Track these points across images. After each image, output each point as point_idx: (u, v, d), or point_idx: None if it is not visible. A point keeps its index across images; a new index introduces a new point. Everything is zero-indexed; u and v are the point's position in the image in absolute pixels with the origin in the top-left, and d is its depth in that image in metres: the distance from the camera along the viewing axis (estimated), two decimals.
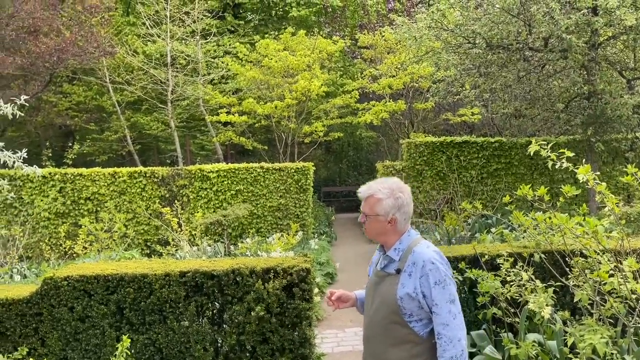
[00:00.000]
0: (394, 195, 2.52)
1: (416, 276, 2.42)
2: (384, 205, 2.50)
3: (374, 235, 2.59)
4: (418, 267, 2.42)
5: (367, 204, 2.54)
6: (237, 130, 15.17)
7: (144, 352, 4.31)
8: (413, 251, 2.47)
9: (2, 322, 4.28)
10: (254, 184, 10.82)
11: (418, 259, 2.44)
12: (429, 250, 2.47)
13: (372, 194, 2.53)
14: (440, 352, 2.36)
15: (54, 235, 9.89)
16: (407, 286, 2.42)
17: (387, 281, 2.52)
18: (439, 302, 2.37)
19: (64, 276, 4.33)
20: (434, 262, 2.41)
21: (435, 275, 2.39)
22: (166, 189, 10.55)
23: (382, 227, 2.53)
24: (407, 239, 2.54)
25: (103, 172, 10.41)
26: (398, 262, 2.50)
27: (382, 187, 2.53)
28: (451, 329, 2.35)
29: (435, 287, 2.37)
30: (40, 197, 9.95)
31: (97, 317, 4.30)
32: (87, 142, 15.77)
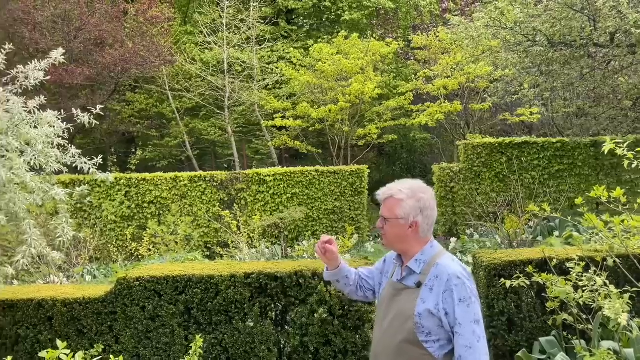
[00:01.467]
0: (415, 197, 2.29)
1: (439, 291, 2.19)
2: (405, 207, 2.28)
3: (393, 242, 2.34)
4: (442, 281, 2.20)
5: (386, 206, 2.33)
6: (292, 134, 15.37)
7: (211, 352, 4.44)
8: (437, 264, 2.25)
9: (79, 320, 4.52)
10: (309, 187, 10.92)
11: (442, 272, 2.21)
12: (454, 264, 2.26)
13: (391, 194, 2.31)
14: None
15: (121, 237, 10.33)
16: (428, 302, 2.20)
17: (405, 295, 2.29)
18: (463, 321, 2.15)
19: (136, 277, 4.53)
20: (460, 277, 2.20)
21: (461, 292, 2.17)
22: (225, 193, 10.82)
23: (402, 233, 2.28)
24: (429, 250, 2.31)
25: (165, 176, 10.80)
26: (419, 274, 2.26)
27: (402, 188, 2.31)
28: (474, 352, 2.12)
29: (460, 305, 2.16)
30: (108, 201, 10.43)
31: (167, 317, 4.46)
32: (148, 148, 16.40)
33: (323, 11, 18.16)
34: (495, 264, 4.44)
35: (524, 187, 10.70)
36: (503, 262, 4.43)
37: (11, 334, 4.46)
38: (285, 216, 9.84)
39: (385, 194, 2.33)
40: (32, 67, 3.72)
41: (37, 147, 3.71)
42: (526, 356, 4.15)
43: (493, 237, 8.98)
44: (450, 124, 15.44)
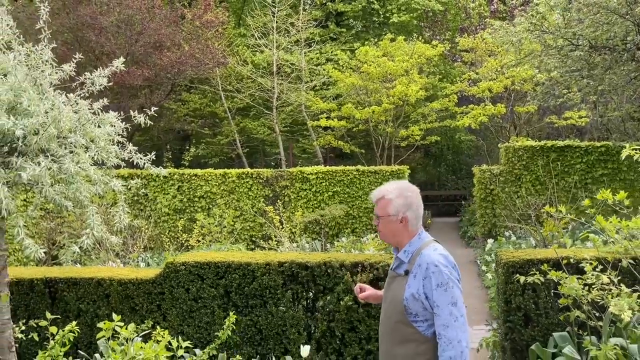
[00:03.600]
0: (403, 195, 2.61)
1: (420, 278, 2.51)
2: (395, 205, 2.59)
3: (388, 237, 2.68)
4: (422, 269, 2.51)
5: (379, 206, 2.64)
6: (337, 135, 15.77)
7: (247, 332, 4.90)
8: (421, 253, 2.56)
9: (132, 299, 5.09)
10: (350, 186, 11.28)
11: (423, 261, 2.53)
12: (435, 253, 2.55)
13: (382, 195, 2.63)
14: (440, 351, 2.45)
15: (173, 228, 11.06)
16: (412, 287, 2.51)
17: (397, 282, 2.62)
18: (440, 304, 2.45)
19: (182, 262, 5.05)
20: (437, 264, 2.49)
21: (438, 278, 2.47)
22: (270, 189, 11.35)
23: (394, 228, 2.62)
24: (417, 241, 2.62)
25: (215, 172, 11.45)
26: (407, 263, 2.59)
27: (391, 189, 2.64)
28: (451, 330, 2.42)
29: (437, 290, 2.45)
30: (162, 195, 11.18)
31: (208, 299, 4.96)
32: (201, 146, 17.23)
33: (372, 13, 18.45)
34: (513, 262, 4.67)
35: (564, 190, 10.66)
36: (521, 260, 4.66)
37: (74, 308, 5.09)
38: (326, 213, 10.25)
39: (377, 196, 2.65)
40: (97, 74, 4.27)
41: (100, 144, 4.24)
42: (539, 349, 4.37)
43: (529, 240, 9.06)
44: (496, 126, 15.41)
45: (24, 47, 3.96)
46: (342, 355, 4.76)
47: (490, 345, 5.25)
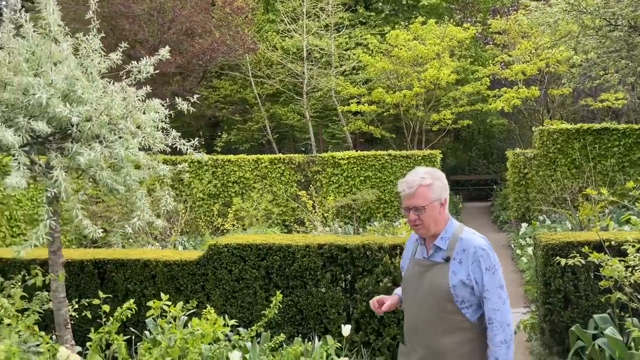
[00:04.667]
0: (436, 177, 2.51)
1: (468, 263, 2.44)
2: (435, 189, 2.47)
3: (430, 226, 2.50)
4: (469, 253, 2.44)
5: (418, 196, 2.46)
6: (367, 119, 15.76)
7: (288, 312, 5.04)
8: (460, 238, 2.48)
9: (177, 279, 5.27)
10: (381, 171, 11.31)
11: (468, 245, 2.45)
12: (476, 237, 2.50)
13: (419, 183, 2.46)
14: (492, 336, 2.41)
15: (208, 213, 11.30)
16: (460, 273, 2.44)
17: (435, 270, 2.50)
18: (490, 287, 2.41)
19: (224, 244, 5.21)
20: (485, 248, 2.45)
21: (486, 261, 2.43)
22: (302, 175, 11.46)
23: (436, 215, 2.48)
24: (451, 226, 2.53)
25: (248, 158, 11.62)
26: (446, 250, 2.49)
27: (422, 174, 2.49)
28: (502, 314, 2.40)
29: (487, 273, 2.42)
30: (197, 180, 11.42)
31: (250, 279, 5.11)
32: (232, 132, 17.43)
33: None
34: (552, 244, 4.68)
35: (602, 174, 10.48)
36: (560, 242, 4.66)
37: (122, 288, 5.30)
38: (358, 198, 10.33)
39: (414, 185, 2.45)
40: (144, 63, 4.41)
41: (146, 130, 4.39)
42: (579, 331, 4.39)
43: (565, 224, 8.97)
44: (529, 110, 15.17)
45: (72, 38, 4.11)
46: (381, 335, 4.86)
47: (527, 328, 5.28)
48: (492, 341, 2.40)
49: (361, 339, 4.87)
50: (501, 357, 2.38)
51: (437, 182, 2.48)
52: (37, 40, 3.87)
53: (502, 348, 2.38)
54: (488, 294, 2.42)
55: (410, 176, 2.50)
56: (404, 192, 2.48)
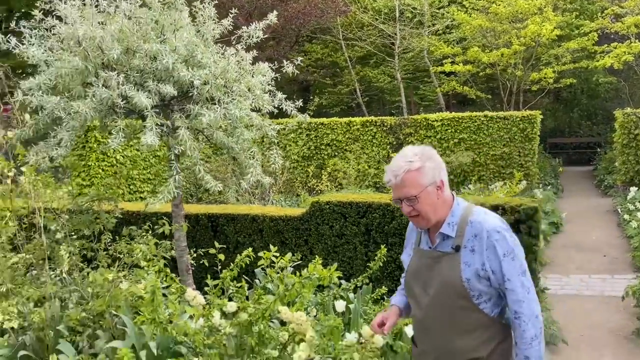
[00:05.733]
0: (427, 156, 2.11)
1: (481, 250, 2.06)
2: (427, 171, 2.08)
3: (430, 216, 2.12)
4: (482, 239, 2.06)
5: (407, 184, 2.07)
6: (460, 80, 15.31)
7: (387, 267, 5.23)
8: (470, 222, 2.10)
9: (282, 233, 5.61)
10: (477, 133, 11.05)
11: (480, 229, 2.07)
12: (490, 218, 2.11)
13: (407, 169, 2.07)
14: (520, 332, 2.06)
15: (303, 174, 11.70)
16: (473, 264, 2.07)
17: (445, 262, 2.13)
18: (511, 276, 2.04)
19: (326, 201, 5.45)
20: (499, 230, 2.06)
21: (503, 246, 2.04)
22: (394, 137, 11.48)
23: (434, 201, 2.10)
24: (457, 209, 2.15)
25: (340, 121, 11.80)
26: (454, 237, 2.11)
27: (410, 156, 2.09)
28: (528, 306, 2.04)
29: (505, 260, 2.04)
30: (292, 143, 11.80)
31: (350, 235, 5.33)
32: (323, 95, 17.65)
33: None
34: None
35: None
36: None
37: (233, 240, 5.73)
38: (452, 160, 10.21)
39: (400, 172, 2.07)
40: (253, 28, 4.64)
41: (255, 92, 4.66)
42: None
43: None
44: None
45: (190, 6, 4.41)
46: None
47: (637, 293, 5.11)
48: (521, 338, 2.05)
49: None
50: (534, 356, 2.04)
51: (428, 164, 2.08)
52: (160, 9, 4.19)
53: (533, 345, 2.04)
54: (510, 284, 2.04)
55: (395, 162, 2.11)
56: (390, 182, 2.10)
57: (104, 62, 3.84)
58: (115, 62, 3.85)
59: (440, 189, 2.11)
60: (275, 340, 3.51)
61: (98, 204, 5.07)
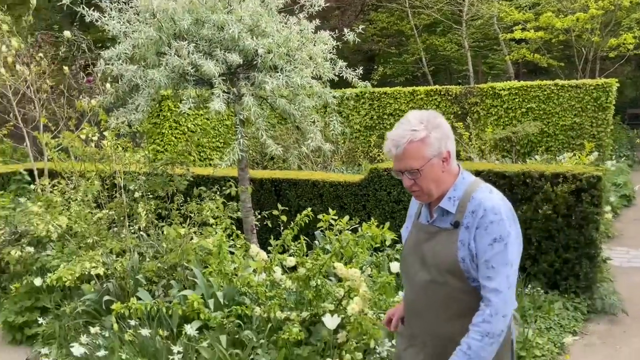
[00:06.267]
0: (433, 124, 1.90)
1: (472, 227, 1.89)
2: (433, 142, 1.88)
3: (432, 190, 1.94)
4: (477, 216, 1.88)
5: (409, 155, 1.88)
6: (531, 47, 14.70)
7: None
8: (472, 198, 1.91)
9: (341, 198, 5.81)
10: (546, 102, 10.67)
11: (478, 206, 1.88)
12: (492, 196, 1.91)
13: (410, 139, 1.87)
14: (477, 320, 1.86)
15: (365, 144, 11.81)
16: (466, 242, 1.90)
17: (441, 238, 1.96)
18: (497, 264, 1.85)
19: (384, 168, 5.57)
20: (498, 212, 1.86)
21: (497, 230, 1.84)
22: (458, 106, 11.30)
23: (438, 174, 1.92)
24: (462, 183, 1.96)
25: (403, 90, 11.75)
26: (455, 213, 1.93)
27: (415, 124, 1.89)
28: (502, 301, 1.84)
29: (495, 245, 1.84)
30: (354, 112, 11.90)
31: (407, 201, 5.44)
32: (388, 65, 17.52)
33: None
34: None
35: None
36: None
37: (294, 204, 6.00)
38: (518, 130, 9.95)
39: (401, 143, 1.88)
40: None
41: (317, 61, 4.80)
42: None
43: None
44: None
45: None
46: (537, 262, 4.92)
47: None
48: (476, 325, 1.86)
49: None
50: (474, 348, 1.85)
51: (434, 133, 1.88)
52: None
53: (483, 341, 1.85)
54: (492, 272, 1.85)
55: (397, 129, 1.91)
56: (391, 153, 1.91)
57: (176, 33, 4.12)
58: (185, 32, 4.11)
59: (446, 160, 1.92)
60: (332, 295, 3.74)
61: (172, 167, 5.45)
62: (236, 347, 3.54)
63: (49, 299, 4.80)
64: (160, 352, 3.57)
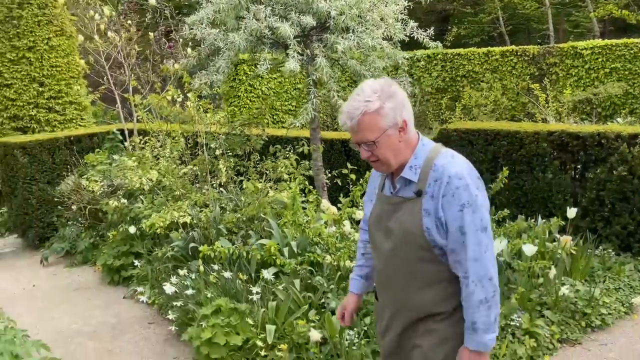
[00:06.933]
0: (388, 94, 1.83)
1: (438, 196, 1.83)
2: (387, 112, 1.82)
3: (391, 160, 1.88)
4: (441, 184, 1.82)
5: (364, 127, 1.83)
6: (620, 3, 13.75)
7: (512, 194, 5.33)
8: (434, 165, 1.85)
9: None
10: (632, 62, 10.05)
11: (442, 174, 1.83)
12: (456, 162, 1.86)
13: (364, 111, 1.81)
14: (466, 294, 1.83)
15: (436, 107, 11.71)
16: (433, 212, 1.84)
17: (406, 208, 1.90)
18: (468, 230, 1.80)
19: (454, 128, 5.62)
20: (463, 177, 1.81)
21: (464, 195, 1.80)
22: (536, 67, 10.89)
23: (395, 144, 1.86)
24: (422, 150, 1.89)
25: (478, 51, 11.45)
26: (417, 182, 1.87)
27: (367, 97, 1.82)
28: (482, 265, 1.80)
29: (464, 211, 1.79)
30: (425, 75, 11.78)
31: (477, 162, 5.47)
32: (463, 25, 16.99)
33: None
34: None
35: None
36: None
37: (364, 163, 6.17)
38: (600, 92, 9.51)
39: (355, 115, 1.82)
40: None
41: (388, 22, 4.89)
42: None
43: None
44: None
45: None
46: (610, 224, 4.86)
47: None
48: (468, 301, 1.84)
49: (587, 225, 4.94)
50: (480, 321, 1.82)
51: (388, 103, 1.81)
52: None
53: (480, 310, 1.82)
54: (465, 238, 1.80)
55: (352, 101, 1.85)
56: (346, 126, 1.86)
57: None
58: None
59: (403, 130, 1.86)
60: None
61: (248, 127, 5.79)
62: (308, 291, 3.85)
63: (142, 245, 5.34)
64: (240, 292, 3.94)
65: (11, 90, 8.06)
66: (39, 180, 6.82)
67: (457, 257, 1.83)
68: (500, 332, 3.65)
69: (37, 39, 8.10)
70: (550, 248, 4.27)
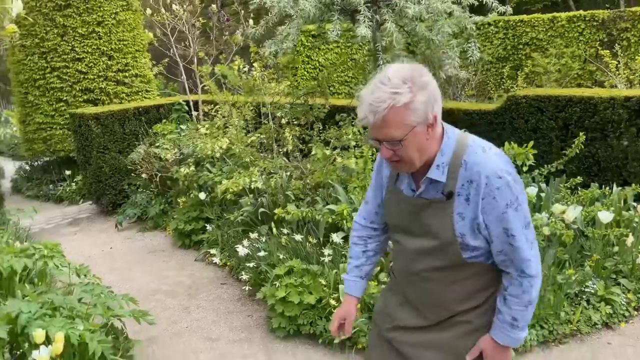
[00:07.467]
0: (418, 83, 1.56)
1: (477, 200, 1.63)
2: (418, 106, 1.55)
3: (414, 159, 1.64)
4: (480, 186, 1.62)
5: (390, 123, 1.55)
6: None
7: (584, 162, 5.17)
8: (464, 162, 1.63)
9: (476, 127, 5.83)
10: None
11: (477, 175, 1.61)
12: (488, 157, 1.64)
13: (391, 104, 1.53)
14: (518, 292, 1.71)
15: (496, 76, 11.38)
16: (468, 216, 1.65)
17: (433, 211, 1.70)
18: (515, 230, 1.64)
19: (523, 95, 5.48)
20: (502, 175, 1.61)
21: (506, 195, 1.61)
22: (605, 33, 10.37)
23: (422, 142, 1.61)
24: (448, 145, 1.66)
25: (542, 17, 10.99)
26: (446, 182, 1.66)
27: (396, 87, 1.53)
28: (535, 265, 1.70)
29: (508, 211, 1.62)
30: (486, 43, 11.43)
31: (547, 130, 5.34)
32: None
33: None
34: None
35: None
36: None
37: None
38: None
39: (381, 108, 1.53)
40: None
41: None
42: None
43: None
44: None
45: None
46: None
47: None
48: (519, 298, 1.71)
49: None
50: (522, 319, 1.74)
51: (420, 96, 1.55)
52: None
53: (528, 309, 1.73)
54: (514, 240, 1.65)
55: (375, 91, 1.55)
56: (367, 120, 1.57)
57: None
58: None
59: (432, 126, 1.61)
60: None
61: (312, 97, 5.84)
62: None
63: (211, 211, 5.55)
64: (310, 255, 4.06)
65: (83, 64, 8.43)
66: (111, 150, 7.16)
67: (505, 257, 1.70)
68: (575, 299, 3.62)
69: (105, 13, 8.40)
70: (627, 216, 4.16)
